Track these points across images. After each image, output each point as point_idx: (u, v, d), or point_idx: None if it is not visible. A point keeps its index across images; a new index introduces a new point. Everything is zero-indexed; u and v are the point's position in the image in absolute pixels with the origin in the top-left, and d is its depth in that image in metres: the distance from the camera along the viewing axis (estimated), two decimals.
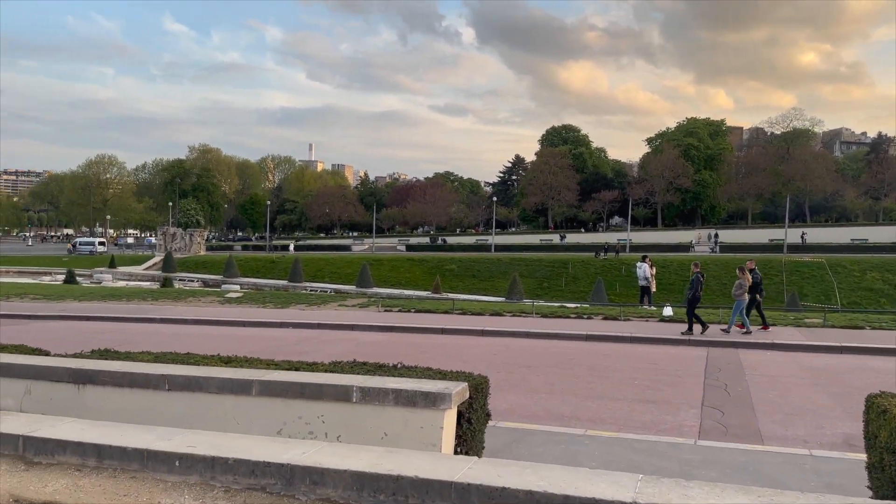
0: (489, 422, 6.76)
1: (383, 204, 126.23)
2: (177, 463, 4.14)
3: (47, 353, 8.38)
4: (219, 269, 59.17)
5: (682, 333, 16.78)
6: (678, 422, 9.48)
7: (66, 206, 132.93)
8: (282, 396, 6.13)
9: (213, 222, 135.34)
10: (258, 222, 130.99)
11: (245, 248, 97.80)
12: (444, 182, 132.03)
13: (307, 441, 4.87)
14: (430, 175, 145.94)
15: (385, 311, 22.70)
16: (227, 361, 7.79)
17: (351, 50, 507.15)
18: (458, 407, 5.83)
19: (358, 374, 6.64)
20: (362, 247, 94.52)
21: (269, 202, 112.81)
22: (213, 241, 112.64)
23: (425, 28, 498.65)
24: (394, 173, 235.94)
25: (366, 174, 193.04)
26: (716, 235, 79.73)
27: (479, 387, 6.31)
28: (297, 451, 4.11)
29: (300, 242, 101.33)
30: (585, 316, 20.59)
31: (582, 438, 8.57)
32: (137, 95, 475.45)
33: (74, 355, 8.05)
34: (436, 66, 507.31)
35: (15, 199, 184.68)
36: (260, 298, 27.94)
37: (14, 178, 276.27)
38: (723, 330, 17.19)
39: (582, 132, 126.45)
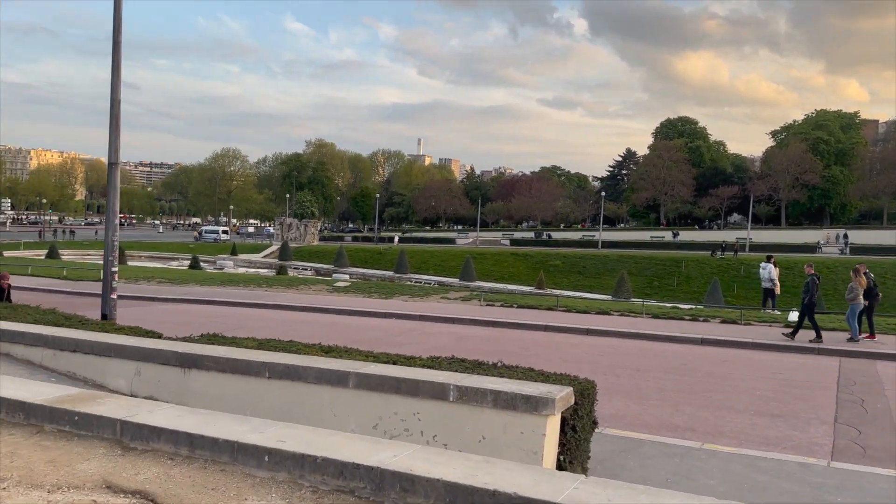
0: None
1: (488, 198, 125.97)
2: (266, 458, 3.98)
3: (160, 336, 8.67)
4: (330, 258, 61.05)
5: (811, 341, 15.39)
6: (807, 439, 8.57)
7: (194, 197, 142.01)
8: (378, 391, 5.94)
9: (326, 214, 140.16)
10: (368, 214, 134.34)
11: (355, 238, 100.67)
12: (551, 176, 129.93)
13: (398, 442, 4.61)
14: (536, 169, 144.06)
15: (487, 305, 22.40)
16: (328, 351, 7.73)
17: (461, 45, 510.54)
18: (562, 413, 5.40)
19: (456, 371, 6.35)
20: (466, 240, 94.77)
21: (378, 195, 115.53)
22: (326, 231, 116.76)
23: (536, 21, 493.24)
24: (499, 167, 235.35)
25: (472, 168, 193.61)
26: (845, 236, 73.76)
27: (585, 392, 5.85)
28: (388, 454, 3.84)
29: (405, 235, 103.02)
30: (701, 318, 19.37)
31: (698, 452, 7.89)
32: (260, 92, 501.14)
33: (184, 339, 8.26)
34: (545, 58, 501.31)
35: (149, 189, 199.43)
36: (366, 288, 28.40)
37: (148, 169, 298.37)
38: (849, 340, 15.62)
39: (699, 125, 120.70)
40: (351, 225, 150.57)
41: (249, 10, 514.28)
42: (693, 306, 24.52)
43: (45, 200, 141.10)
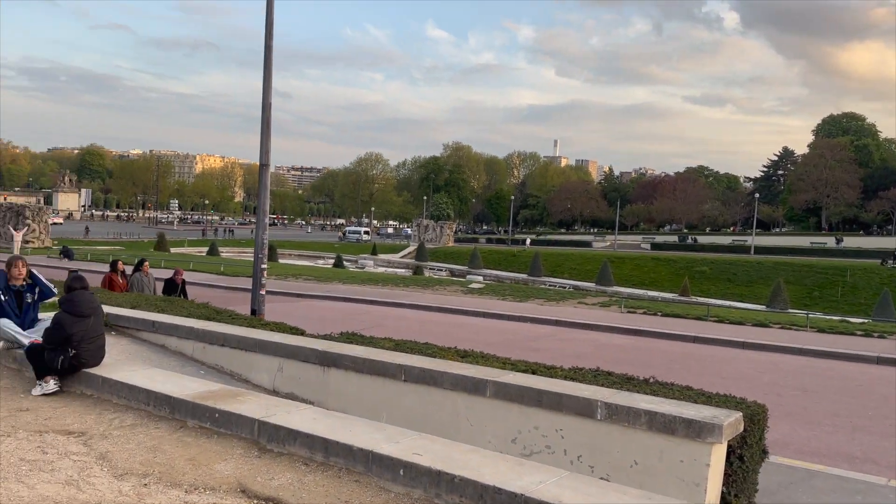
0: None
1: (627, 200, 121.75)
2: (401, 471, 3.72)
3: (302, 333, 8.79)
4: (465, 260, 61.52)
5: None
6: None
7: (339, 199, 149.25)
8: (517, 402, 5.55)
9: (461, 216, 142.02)
10: (502, 216, 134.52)
11: (489, 240, 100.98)
12: (697, 177, 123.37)
13: (543, 465, 4.18)
14: (681, 170, 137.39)
15: (628, 312, 21.34)
16: (464, 356, 7.45)
17: (601, 43, 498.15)
18: (728, 441, 4.74)
19: (602, 385, 5.82)
20: (603, 243, 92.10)
21: (513, 197, 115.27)
22: (461, 233, 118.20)
23: (683, 15, 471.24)
24: (640, 168, 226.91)
25: (610, 169, 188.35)
26: None
27: (755, 417, 5.12)
28: (533, 479, 3.44)
29: (539, 237, 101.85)
30: (876, 334, 17.26)
31: (884, 490, 6.83)
32: (402, 98, 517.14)
33: (324, 337, 8.31)
34: (692, 54, 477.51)
35: (299, 191, 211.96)
36: (500, 290, 28.12)
37: (299, 173, 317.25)
38: None
39: (867, 121, 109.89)
40: (485, 227, 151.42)
41: (393, 20, 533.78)
42: (865, 320, 22.03)
43: (207, 202, 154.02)
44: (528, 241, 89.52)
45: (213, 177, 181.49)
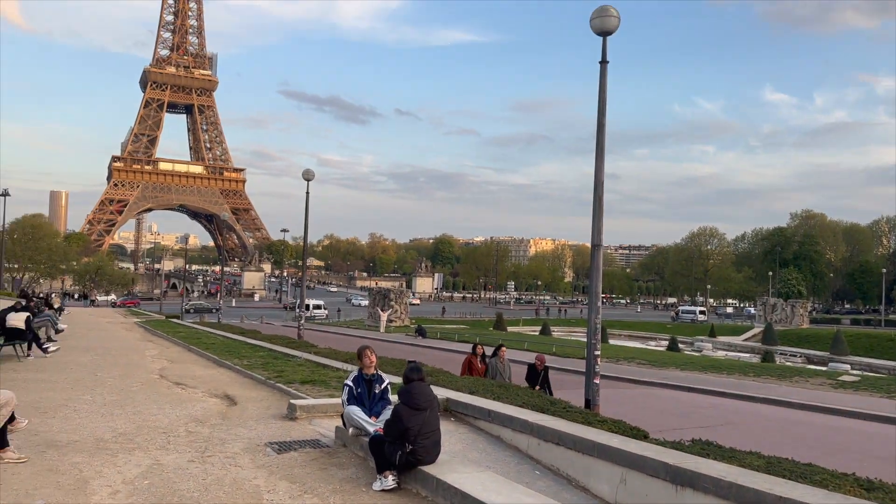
0: None
1: None
2: None
3: (645, 436, 7.68)
4: (824, 344, 53.04)
5: None
6: None
7: (670, 276, 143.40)
8: None
9: (815, 292, 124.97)
10: (870, 293, 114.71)
11: (855, 321, 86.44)
12: None
13: None
14: None
15: None
16: (869, 488, 5.58)
17: None
18: None
19: None
20: None
21: (884, 270, 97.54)
22: (816, 312, 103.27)
23: None
24: None
25: None
26: None
27: None
28: None
29: None
30: None
31: None
32: (736, 168, 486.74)
33: (673, 445, 7.07)
34: None
35: (627, 270, 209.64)
36: (882, 386, 22.96)
37: (627, 251, 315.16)
38: None
39: None
40: (847, 305, 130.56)
41: (725, 90, 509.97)
42: None
43: (539, 282, 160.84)
44: None
45: (544, 259, 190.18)
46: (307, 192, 29.43)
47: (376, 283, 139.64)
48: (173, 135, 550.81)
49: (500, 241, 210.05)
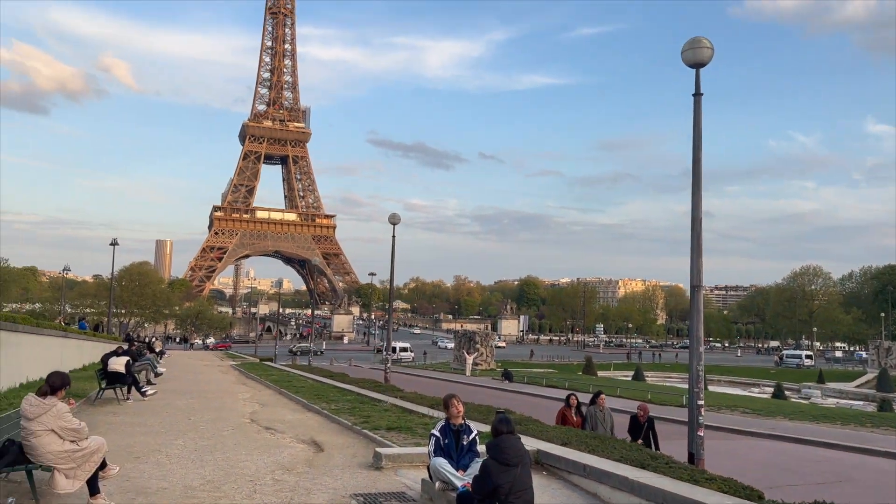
0: None
1: None
2: None
3: (759, 496, 6.94)
4: None
5: None
6: None
7: (772, 318, 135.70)
8: None
9: None
10: None
11: None
12: None
13: None
14: None
15: None
16: None
17: None
18: None
19: None
20: None
21: None
22: None
23: None
24: None
25: None
26: None
27: None
28: None
29: None
30: None
31: None
32: (839, 203, 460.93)
33: None
34: None
35: (724, 312, 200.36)
36: None
37: (723, 293, 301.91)
38: None
39: None
40: None
41: (822, 123, 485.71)
42: None
43: (630, 325, 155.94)
44: None
45: (635, 300, 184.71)
46: (393, 236, 29.82)
47: (461, 326, 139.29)
48: (269, 184, 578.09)
49: (587, 282, 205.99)
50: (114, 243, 49.64)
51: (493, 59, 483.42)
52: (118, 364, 16.60)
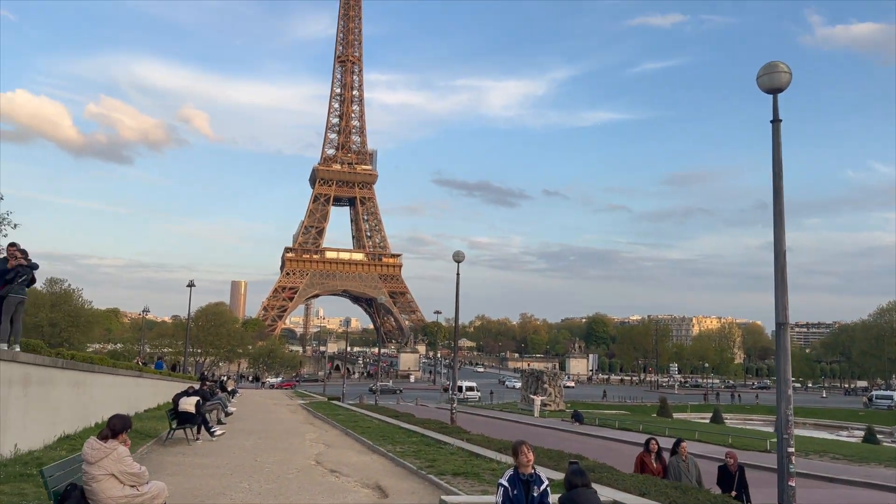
0: None
1: None
2: None
3: None
4: None
5: None
6: None
7: (858, 357, 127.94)
8: None
9: None
10: None
11: None
12: None
13: None
14: None
15: None
16: None
17: None
18: None
19: None
20: None
21: None
22: None
23: None
24: None
25: None
26: None
27: None
28: None
29: None
30: None
31: None
32: None
33: None
34: None
35: (807, 350, 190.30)
36: None
37: (805, 330, 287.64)
38: None
39: None
40: None
41: None
42: None
43: (706, 364, 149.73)
44: None
45: (710, 338, 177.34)
46: (458, 274, 29.60)
47: (528, 364, 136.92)
48: (338, 226, 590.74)
49: (659, 319, 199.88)
50: (190, 285, 51.22)
51: (556, 96, 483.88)
52: (188, 404, 16.81)
